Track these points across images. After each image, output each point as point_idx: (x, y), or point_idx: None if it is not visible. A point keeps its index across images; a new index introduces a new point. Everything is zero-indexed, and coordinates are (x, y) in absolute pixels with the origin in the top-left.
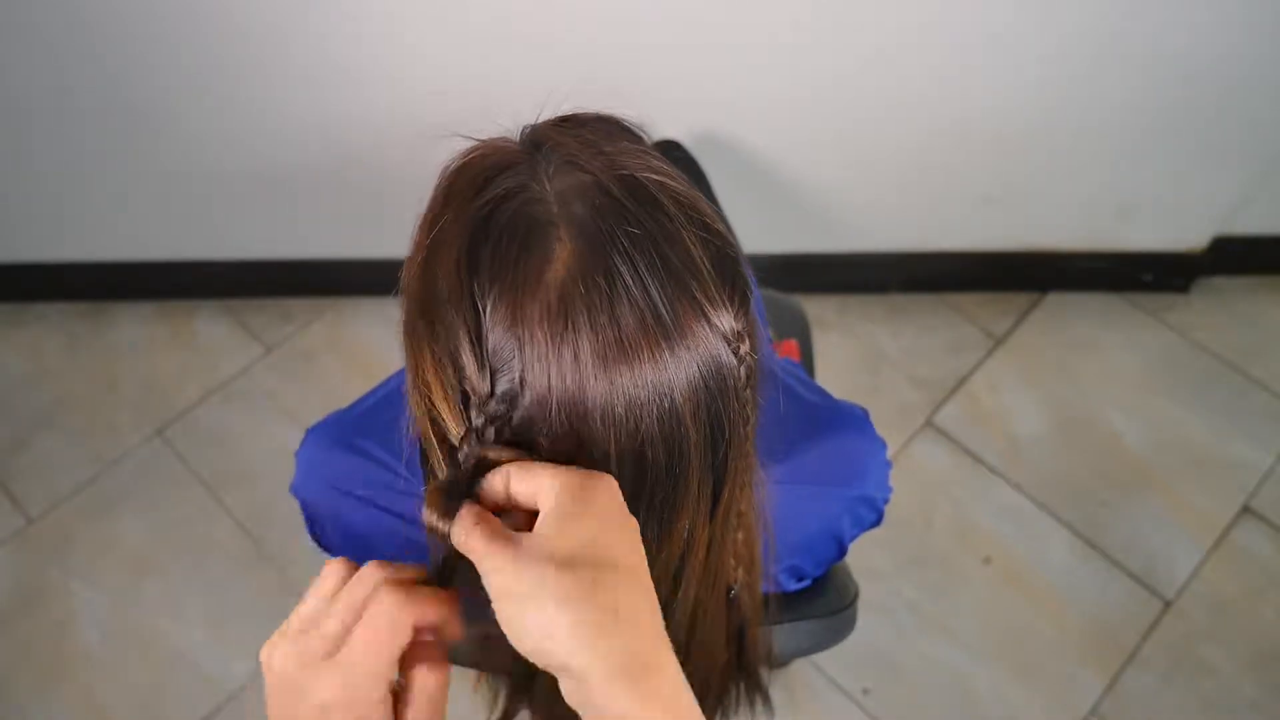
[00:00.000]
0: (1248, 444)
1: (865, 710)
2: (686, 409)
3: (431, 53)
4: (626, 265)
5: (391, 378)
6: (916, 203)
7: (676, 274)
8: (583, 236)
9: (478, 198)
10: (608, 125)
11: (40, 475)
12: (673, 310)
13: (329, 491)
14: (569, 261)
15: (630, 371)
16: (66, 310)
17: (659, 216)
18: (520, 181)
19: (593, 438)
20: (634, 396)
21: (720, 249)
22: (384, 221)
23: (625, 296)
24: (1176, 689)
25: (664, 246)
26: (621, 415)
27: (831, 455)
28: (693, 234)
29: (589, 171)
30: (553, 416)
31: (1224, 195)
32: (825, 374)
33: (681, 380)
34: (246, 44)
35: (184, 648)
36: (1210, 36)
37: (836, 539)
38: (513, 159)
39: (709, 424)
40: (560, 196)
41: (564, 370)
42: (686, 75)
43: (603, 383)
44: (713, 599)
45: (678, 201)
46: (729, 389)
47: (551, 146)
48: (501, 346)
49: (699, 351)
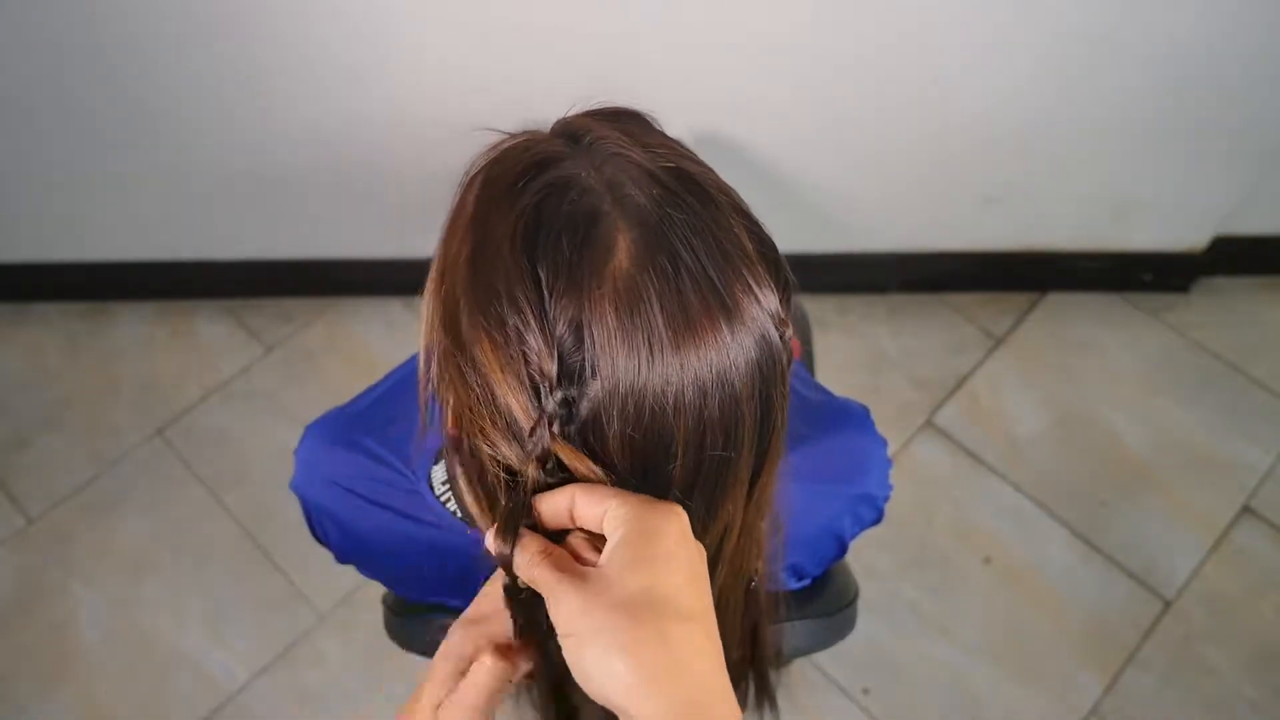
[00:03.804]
0: (1248, 444)
1: (865, 710)
2: (744, 392)
3: (431, 53)
4: (685, 248)
5: (390, 374)
6: (916, 203)
7: (729, 257)
8: (642, 225)
9: (525, 189)
10: (637, 119)
11: (40, 475)
12: (729, 290)
13: (329, 488)
14: (631, 250)
15: (697, 350)
16: (66, 310)
17: (708, 205)
18: (568, 172)
19: (662, 426)
20: (701, 379)
21: (762, 238)
22: (384, 221)
23: (688, 277)
24: (1176, 689)
25: (716, 232)
26: (690, 400)
27: (833, 453)
28: (738, 221)
29: (636, 162)
30: (622, 406)
31: (1224, 195)
32: (825, 374)
33: (740, 362)
34: (246, 44)
35: (184, 648)
36: (1210, 36)
37: (837, 537)
38: (554, 150)
39: (760, 407)
40: (612, 187)
41: (637, 353)
42: (687, 75)
43: (674, 364)
44: (736, 588)
45: (721, 190)
46: (778, 374)
47: (594, 139)
48: (567, 338)
49: (754, 331)
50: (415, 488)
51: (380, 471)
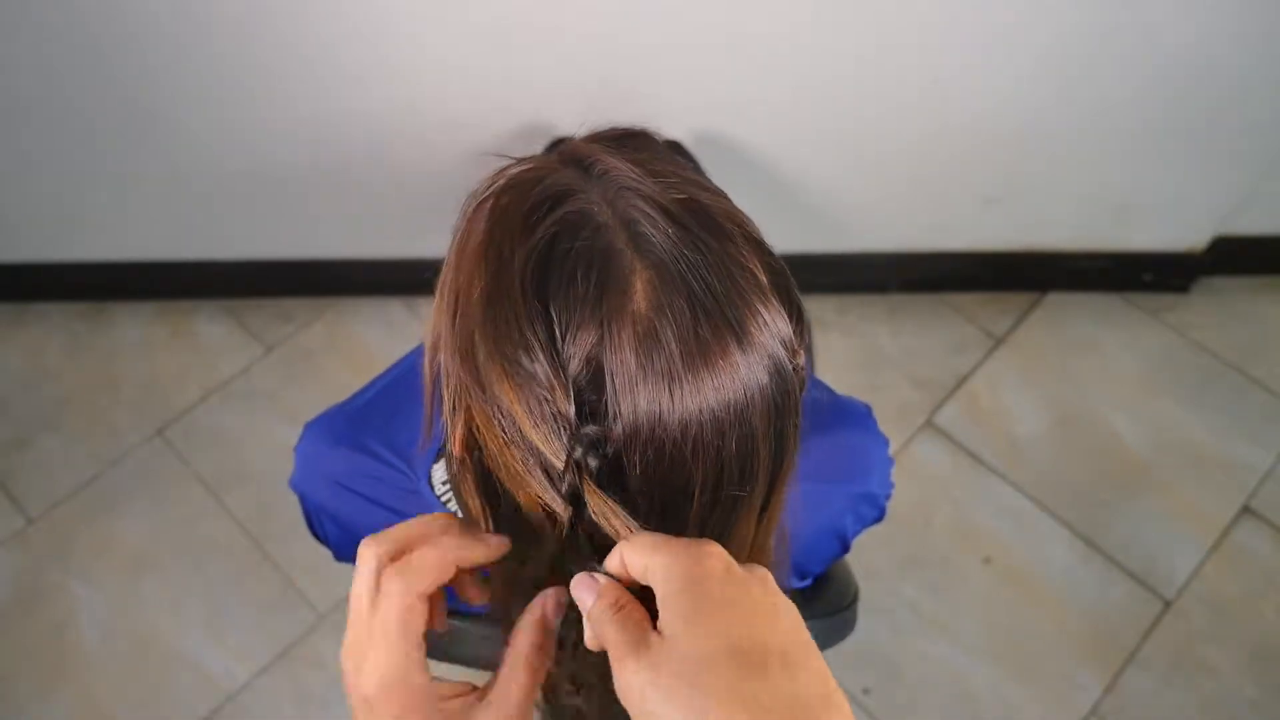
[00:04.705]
0: (1248, 444)
1: (865, 710)
2: (760, 429)
3: (431, 52)
4: (700, 285)
5: (388, 371)
6: (916, 203)
7: (742, 291)
8: (657, 265)
9: (538, 225)
10: (645, 141)
11: (40, 475)
12: (742, 323)
13: (328, 486)
14: (647, 291)
15: (713, 379)
16: (67, 310)
17: (721, 238)
18: (581, 208)
19: (680, 466)
20: (719, 416)
21: (774, 267)
22: (384, 222)
23: (703, 314)
24: (1176, 689)
25: (729, 265)
26: (709, 440)
27: (835, 451)
28: (751, 251)
29: (648, 195)
30: (643, 448)
31: (1224, 195)
32: (825, 374)
33: (755, 393)
34: (246, 44)
35: (184, 648)
36: (1210, 36)
37: (839, 536)
38: (566, 183)
39: (775, 440)
40: (625, 223)
41: (657, 395)
42: (687, 75)
43: (692, 402)
44: None
45: (733, 220)
46: (791, 406)
47: (604, 169)
48: (583, 380)
49: (766, 360)
50: (415, 487)
51: (380, 470)
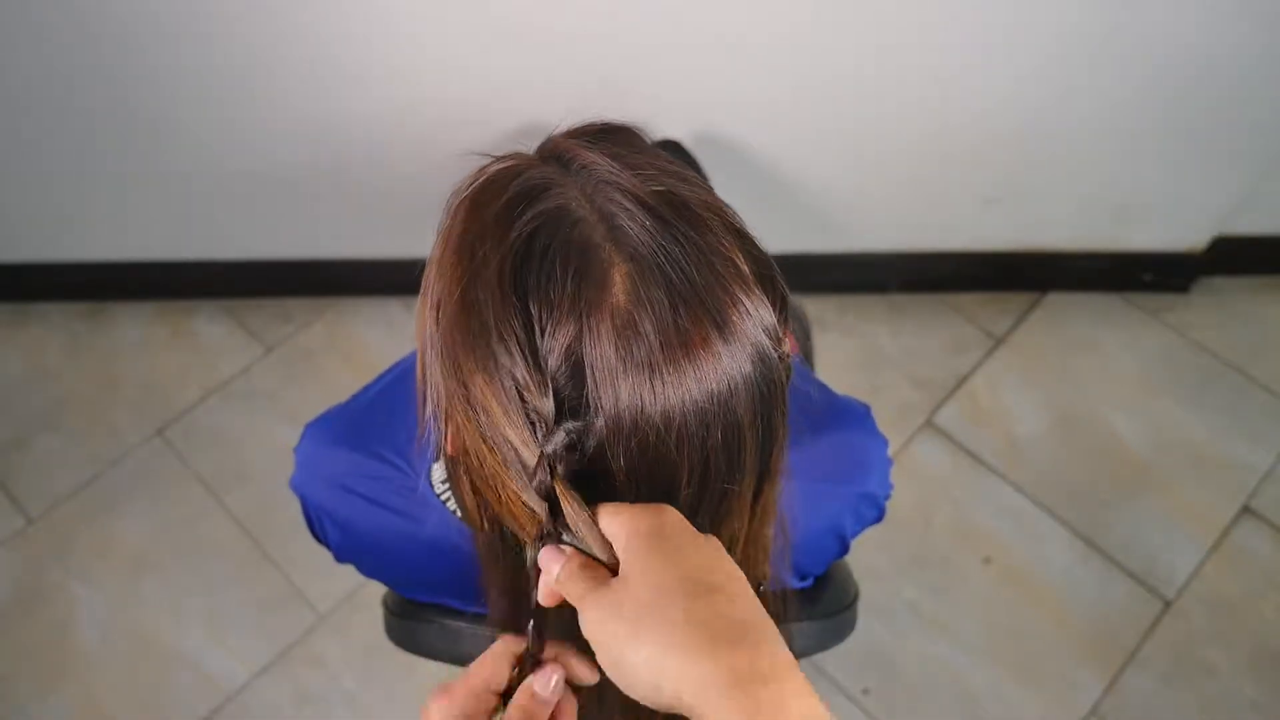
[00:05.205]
0: (1248, 444)
1: (865, 710)
2: (745, 419)
3: (431, 52)
4: (679, 275)
5: (388, 371)
6: (916, 203)
7: (721, 279)
8: (634, 257)
9: (515, 220)
10: (625, 136)
11: (40, 475)
12: (722, 311)
13: (328, 487)
14: (626, 284)
15: (695, 369)
16: (66, 310)
17: (700, 228)
18: (558, 203)
19: (666, 458)
20: (702, 407)
21: (756, 254)
22: (384, 221)
23: (682, 304)
24: (1176, 689)
25: (709, 254)
26: (693, 431)
27: (834, 451)
28: (731, 240)
29: (626, 189)
30: (626, 441)
31: (1224, 195)
32: (825, 374)
33: (739, 382)
34: (246, 43)
35: (184, 648)
36: (1210, 36)
37: (839, 536)
38: (544, 178)
39: (762, 429)
40: (603, 216)
41: (638, 387)
42: (687, 75)
43: (674, 392)
44: None
45: (712, 210)
46: (777, 394)
47: (582, 164)
48: (562, 375)
49: (748, 347)
50: (415, 486)
51: (380, 470)
